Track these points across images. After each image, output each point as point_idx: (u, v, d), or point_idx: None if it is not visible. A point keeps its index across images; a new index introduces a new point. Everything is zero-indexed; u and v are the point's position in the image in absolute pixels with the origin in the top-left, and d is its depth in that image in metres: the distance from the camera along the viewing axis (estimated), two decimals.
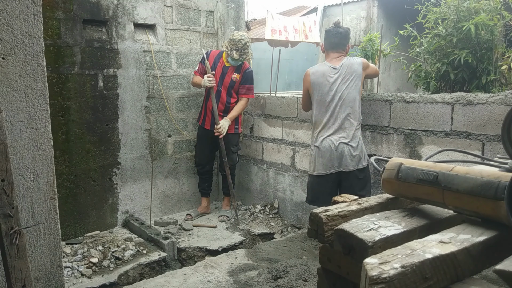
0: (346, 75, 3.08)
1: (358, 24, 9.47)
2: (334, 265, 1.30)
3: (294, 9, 11.36)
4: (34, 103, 2.03)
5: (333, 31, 3.18)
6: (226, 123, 4.07)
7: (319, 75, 3.12)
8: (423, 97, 3.00)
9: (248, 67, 4.15)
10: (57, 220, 2.19)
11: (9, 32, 1.91)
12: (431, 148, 2.97)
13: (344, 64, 3.11)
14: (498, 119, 2.59)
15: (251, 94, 4.19)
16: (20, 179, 2.01)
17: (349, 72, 3.08)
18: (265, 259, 3.31)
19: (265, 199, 4.50)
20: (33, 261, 2.10)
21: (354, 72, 3.09)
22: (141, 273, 3.25)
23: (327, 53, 3.22)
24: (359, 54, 3.91)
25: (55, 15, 3.39)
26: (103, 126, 3.78)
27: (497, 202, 1.03)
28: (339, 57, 3.16)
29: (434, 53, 3.53)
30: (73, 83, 3.55)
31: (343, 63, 3.11)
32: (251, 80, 4.15)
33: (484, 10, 3.21)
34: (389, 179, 1.35)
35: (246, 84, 4.11)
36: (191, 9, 4.32)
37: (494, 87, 3.23)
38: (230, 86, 4.14)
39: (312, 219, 1.29)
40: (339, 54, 3.17)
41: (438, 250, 0.95)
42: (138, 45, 3.92)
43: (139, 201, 4.11)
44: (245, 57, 3.98)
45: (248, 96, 4.18)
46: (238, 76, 4.11)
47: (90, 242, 3.57)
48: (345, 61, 3.12)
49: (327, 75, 3.10)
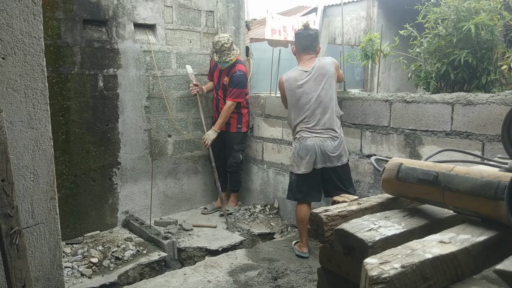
0: (319, 76, 3.17)
1: (358, 24, 9.47)
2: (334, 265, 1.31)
3: (294, 9, 11.37)
4: (34, 103, 2.03)
5: (303, 34, 3.26)
6: (212, 134, 4.18)
7: (291, 81, 3.22)
8: (423, 97, 3.00)
9: (236, 71, 4.09)
10: (57, 220, 2.19)
11: (9, 32, 1.91)
12: (431, 148, 2.97)
13: (316, 66, 3.19)
14: (498, 119, 2.59)
15: (234, 98, 4.10)
16: (20, 179, 2.01)
17: (322, 73, 3.17)
18: (265, 259, 3.31)
19: (265, 199, 4.50)
20: (33, 261, 2.10)
21: (327, 72, 3.17)
22: (141, 273, 3.25)
23: (299, 56, 3.29)
24: (359, 54, 3.91)
25: (55, 15, 3.39)
26: (103, 126, 3.78)
27: (497, 202, 1.03)
28: (310, 59, 3.24)
29: (434, 53, 3.53)
30: (73, 83, 3.55)
31: (315, 65, 3.20)
32: (236, 83, 4.08)
33: (484, 10, 3.21)
34: (389, 179, 1.35)
35: (231, 87, 4.11)
36: (191, 9, 4.31)
37: (494, 87, 3.23)
38: (224, 89, 4.21)
39: (312, 219, 1.30)
40: (311, 56, 3.25)
41: (438, 250, 0.95)
42: (138, 45, 3.92)
43: (139, 201, 4.11)
44: (225, 58, 3.98)
45: (231, 99, 4.11)
46: (227, 79, 4.15)
47: (90, 242, 3.57)
48: (317, 63, 3.21)
49: (299, 80, 3.20)
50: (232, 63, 4.10)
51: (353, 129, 3.51)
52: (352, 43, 9.12)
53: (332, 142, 3.16)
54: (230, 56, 4.00)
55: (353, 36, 9.56)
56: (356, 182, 3.52)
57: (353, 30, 9.56)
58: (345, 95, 3.57)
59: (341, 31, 6.17)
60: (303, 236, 3.39)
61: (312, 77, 3.17)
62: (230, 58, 4.02)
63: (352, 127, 3.52)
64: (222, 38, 3.99)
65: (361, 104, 3.40)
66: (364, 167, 3.47)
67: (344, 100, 3.55)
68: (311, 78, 3.17)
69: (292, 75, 3.25)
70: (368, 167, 3.44)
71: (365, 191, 3.45)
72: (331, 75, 3.17)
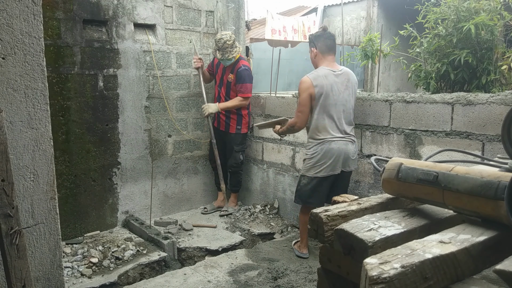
0: (346, 80, 3.14)
1: (358, 24, 9.47)
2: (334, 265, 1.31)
3: (294, 9, 11.37)
4: (34, 103, 2.03)
5: (327, 34, 3.22)
6: (213, 107, 4.15)
7: (321, 80, 3.06)
8: (423, 97, 3.00)
9: (240, 66, 4.10)
10: (57, 220, 2.19)
11: (9, 32, 1.91)
12: (431, 148, 2.97)
13: (344, 70, 3.18)
14: (498, 119, 2.59)
15: (245, 93, 4.13)
16: (20, 179, 2.01)
17: (348, 78, 3.15)
18: (265, 259, 3.31)
19: (265, 199, 4.50)
20: (33, 261, 2.10)
21: (353, 79, 3.19)
22: (141, 273, 3.25)
23: (324, 57, 3.16)
24: (359, 54, 3.91)
25: (55, 15, 3.39)
26: (103, 126, 3.78)
27: (497, 202, 1.03)
28: (334, 61, 3.21)
29: (434, 53, 3.53)
30: (73, 83, 3.55)
31: (343, 69, 3.19)
32: (244, 78, 4.09)
33: (484, 10, 3.21)
34: (389, 179, 1.35)
35: (239, 83, 4.11)
36: (191, 9, 4.31)
37: (494, 87, 3.23)
38: (227, 86, 4.20)
39: (312, 219, 1.30)
40: (333, 57, 3.22)
41: (438, 250, 0.95)
42: (138, 45, 3.92)
43: (139, 201, 4.11)
44: (227, 56, 4.00)
45: (242, 95, 4.13)
46: (232, 76, 4.14)
47: (90, 242, 3.57)
48: (344, 67, 3.21)
49: (329, 78, 3.07)
50: (235, 60, 4.11)
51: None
52: (352, 43, 9.12)
53: (352, 146, 3.16)
54: (232, 53, 4.02)
55: (353, 36, 9.56)
56: (356, 182, 3.52)
57: (353, 30, 9.56)
58: None
59: (341, 31, 6.17)
60: (304, 238, 3.39)
61: (340, 79, 3.12)
62: (233, 55, 4.03)
63: None
64: (224, 35, 4.01)
65: (361, 104, 3.40)
66: (364, 167, 3.47)
67: None
68: (340, 80, 3.12)
69: (322, 73, 3.09)
70: (368, 167, 3.44)
71: (365, 191, 3.45)
72: (355, 83, 3.20)
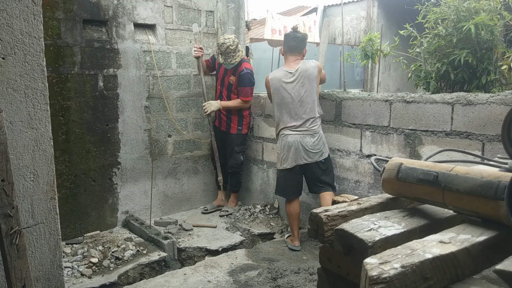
0: (301, 78, 3.35)
1: (358, 24, 9.47)
2: (334, 265, 1.30)
3: (294, 9, 11.37)
4: (34, 103, 2.03)
5: (291, 35, 3.44)
6: (214, 104, 4.15)
7: (276, 81, 3.41)
8: (423, 97, 3.00)
9: (243, 69, 4.07)
10: (57, 220, 2.19)
11: (9, 32, 1.91)
12: (431, 148, 2.97)
13: (300, 68, 3.36)
14: (498, 119, 2.59)
15: (246, 97, 4.13)
16: (20, 179, 2.01)
17: (305, 76, 3.34)
18: (265, 259, 3.31)
19: (265, 199, 4.50)
20: (33, 261, 2.10)
21: (310, 75, 3.34)
22: (141, 273, 3.25)
23: (286, 57, 3.49)
24: (359, 54, 3.91)
25: (55, 15, 3.39)
26: (103, 126, 3.78)
27: (497, 202, 1.03)
28: (295, 61, 3.41)
29: (434, 53, 3.53)
30: (73, 83, 3.55)
31: (299, 67, 3.36)
32: (246, 82, 4.08)
33: (484, 10, 3.21)
34: (389, 179, 1.35)
35: (240, 86, 4.10)
36: (191, 9, 4.31)
37: (494, 87, 3.23)
38: (228, 88, 4.20)
39: (312, 219, 1.29)
40: (296, 57, 3.42)
41: (438, 250, 0.95)
42: (138, 45, 3.92)
43: (139, 201, 4.11)
44: (230, 60, 3.97)
45: (243, 98, 4.13)
46: (234, 78, 4.13)
47: (90, 242, 3.57)
48: (301, 65, 3.37)
49: (283, 80, 3.38)
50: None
51: (353, 129, 3.52)
52: (352, 43, 9.13)
53: (311, 138, 3.34)
54: (235, 58, 3.99)
55: (353, 36, 9.56)
56: (356, 182, 3.52)
57: (353, 30, 9.56)
58: (345, 95, 3.57)
59: (341, 31, 6.18)
60: (294, 230, 3.54)
61: (296, 78, 3.35)
62: (236, 60, 4.01)
63: (352, 127, 3.52)
64: (227, 40, 3.94)
65: (361, 104, 3.40)
66: (364, 167, 3.47)
67: (344, 100, 3.55)
68: (295, 79, 3.35)
69: (277, 75, 3.44)
70: (368, 167, 3.44)
71: (365, 191, 3.45)
72: (313, 78, 3.34)
